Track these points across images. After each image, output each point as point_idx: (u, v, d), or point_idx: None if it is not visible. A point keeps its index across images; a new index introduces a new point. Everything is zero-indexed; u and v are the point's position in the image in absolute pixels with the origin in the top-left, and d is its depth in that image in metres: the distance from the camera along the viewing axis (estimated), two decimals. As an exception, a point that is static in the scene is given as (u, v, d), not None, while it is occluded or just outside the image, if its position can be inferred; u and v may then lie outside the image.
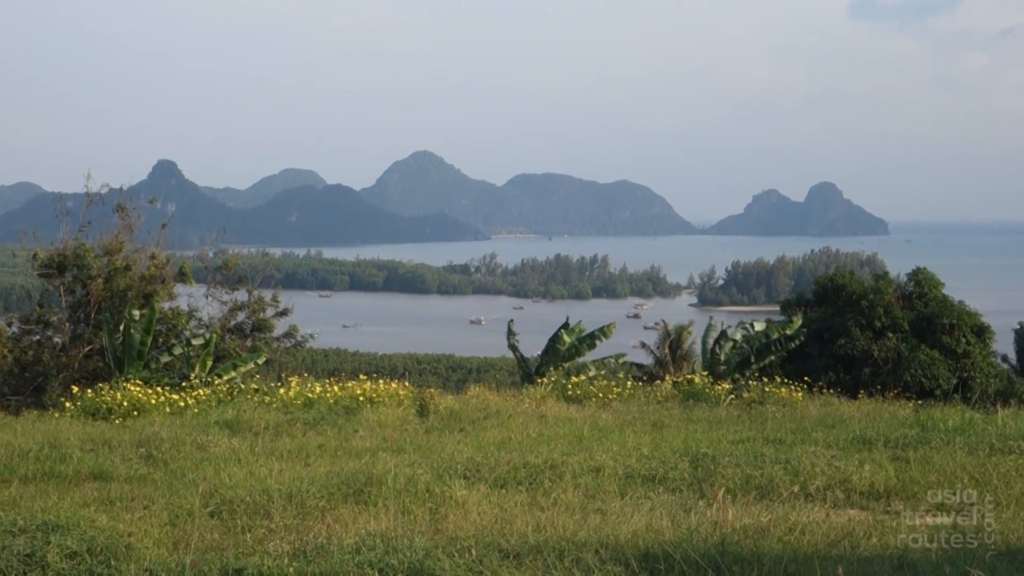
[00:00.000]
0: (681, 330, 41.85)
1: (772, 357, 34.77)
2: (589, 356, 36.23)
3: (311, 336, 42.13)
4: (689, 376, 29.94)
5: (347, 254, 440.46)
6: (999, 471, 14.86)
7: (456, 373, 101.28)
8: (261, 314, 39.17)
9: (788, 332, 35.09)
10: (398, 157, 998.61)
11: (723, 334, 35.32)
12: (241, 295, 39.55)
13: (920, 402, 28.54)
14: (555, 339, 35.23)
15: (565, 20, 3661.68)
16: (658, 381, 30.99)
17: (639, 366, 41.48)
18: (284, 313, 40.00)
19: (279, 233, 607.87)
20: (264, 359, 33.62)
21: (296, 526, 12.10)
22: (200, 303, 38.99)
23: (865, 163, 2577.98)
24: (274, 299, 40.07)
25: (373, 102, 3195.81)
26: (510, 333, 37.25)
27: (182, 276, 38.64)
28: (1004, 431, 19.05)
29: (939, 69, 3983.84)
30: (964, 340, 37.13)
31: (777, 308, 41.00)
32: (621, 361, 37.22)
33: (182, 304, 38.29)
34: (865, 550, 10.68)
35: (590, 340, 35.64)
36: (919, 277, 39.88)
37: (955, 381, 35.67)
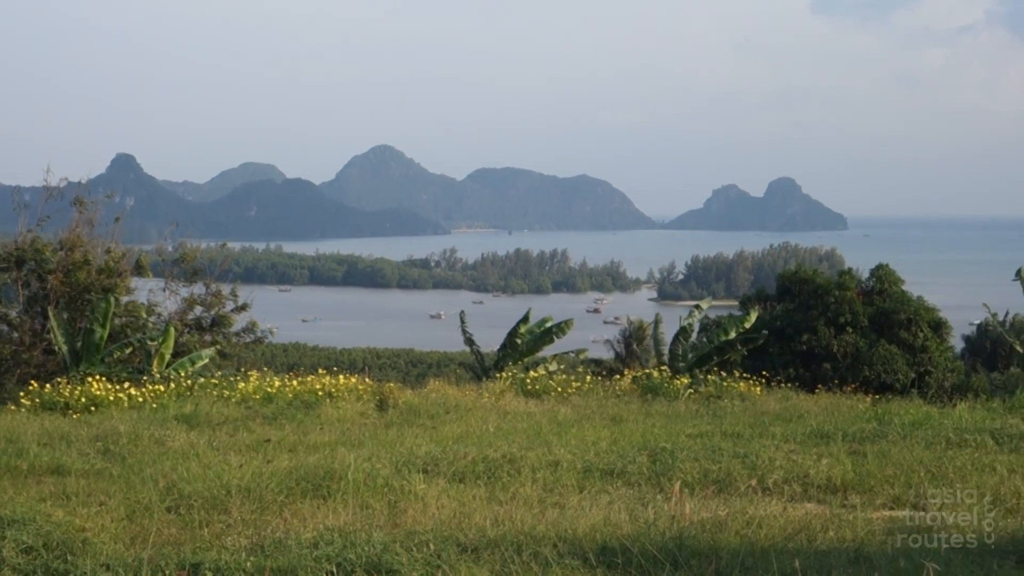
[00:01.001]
0: (641, 325, 42.00)
1: (730, 352, 34.91)
2: (548, 351, 36.29)
3: (270, 331, 41.97)
4: (648, 371, 29.99)
5: (307, 248, 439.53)
6: (955, 464, 14.97)
7: (416, 368, 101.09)
8: (220, 308, 39.01)
9: (746, 326, 35.26)
10: (358, 151, 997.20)
11: (683, 329, 35.41)
12: (199, 289, 39.38)
13: (878, 396, 28.71)
14: (513, 333, 35.27)
15: (526, 14, 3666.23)
16: (617, 376, 31.06)
17: (599, 361, 41.58)
18: (243, 308, 39.83)
19: (238, 227, 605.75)
20: (219, 351, 33.52)
21: (254, 521, 12.06)
22: (159, 297, 38.82)
23: (824, 158, 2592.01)
24: (233, 293, 39.89)
25: (333, 96, 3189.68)
26: (463, 324, 37.36)
27: (139, 270, 38.44)
28: (960, 425, 19.18)
29: (899, 65, 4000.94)
30: (922, 335, 37.35)
31: (736, 303, 41.14)
32: (581, 356, 37.32)
33: (140, 298, 38.10)
34: (822, 543, 10.74)
35: (548, 337, 35.68)
36: (880, 273, 40.09)
37: (912, 376, 35.90)
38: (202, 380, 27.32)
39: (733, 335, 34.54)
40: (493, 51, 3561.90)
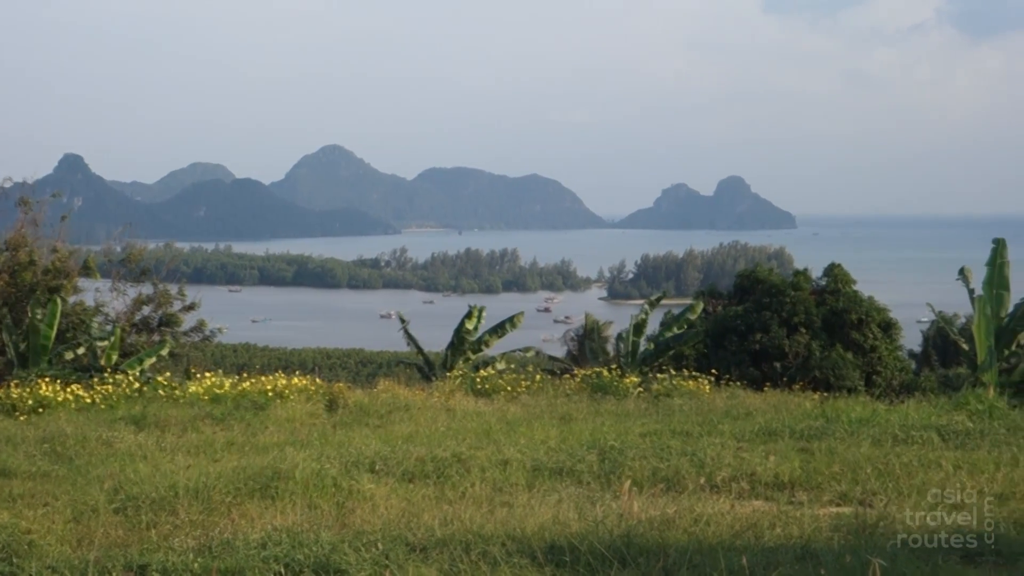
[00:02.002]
0: (591, 324, 42.04)
1: (675, 346, 35.09)
2: (497, 348, 36.34)
3: (219, 330, 41.79)
4: (598, 369, 30.02)
5: (256, 248, 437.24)
6: (901, 461, 15.07)
7: (366, 368, 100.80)
8: (168, 308, 38.79)
9: (690, 317, 35.47)
10: (307, 151, 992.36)
11: (634, 327, 35.51)
12: (147, 289, 39.15)
13: (826, 394, 28.84)
14: (460, 330, 35.31)
15: (477, 12, 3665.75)
16: (567, 375, 31.09)
17: (551, 359, 41.63)
18: (191, 307, 39.63)
19: (188, 227, 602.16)
20: (167, 350, 33.35)
21: (202, 522, 12.05)
22: (106, 297, 38.58)
23: (774, 157, 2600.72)
24: (180, 292, 39.67)
25: (282, 95, 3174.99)
26: (404, 325, 37.42)
27: (87, 270, 38.22)
28: (907, 422, 19.31)
29: (850, 64, 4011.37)
30: (872, 335, 37.62)
31: (685, 301, 41.26)
32: (529, 353, 37.40)
33: (88, 299, 37.87)
34: (769, 540, 10.80)
35: (500, 330, 35.75)
36: (834, 273, 40.30)
37: (862, 381, 36.14)
38: (151, 381, 27.19)
39: (679, 331, 34.76)
40: (443, 50, 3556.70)
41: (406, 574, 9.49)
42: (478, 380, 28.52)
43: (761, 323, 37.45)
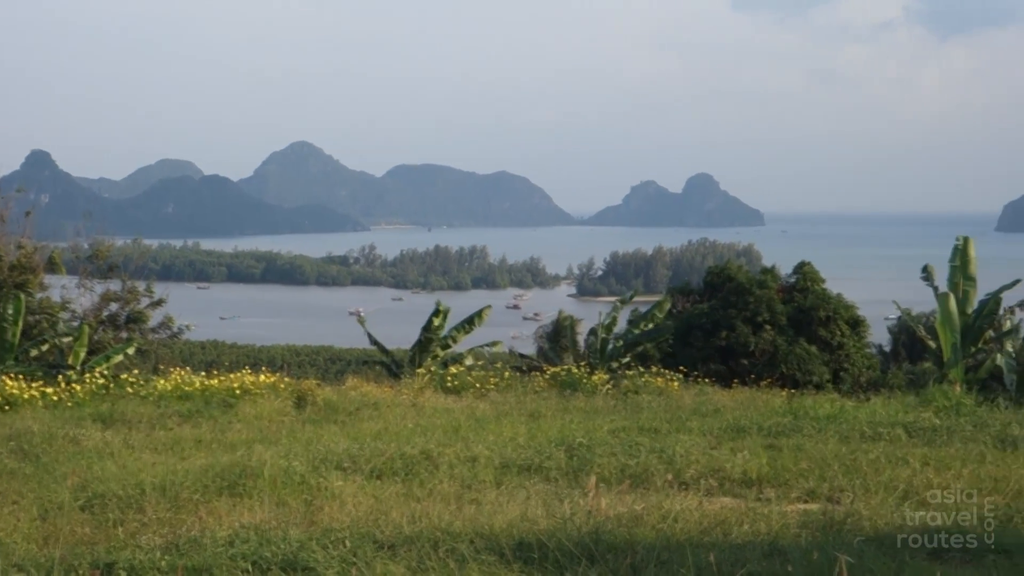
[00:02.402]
0: (562, 321, 42.08)
1: (644, 342, 35.19)
2: (464, 344, 36.36)
3: (187, 327, 41.65)
4: (567, 366, 30.05)
5: (225, 245, 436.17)
6: (868, 458, 15.15)
7: (335, 365, 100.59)
8: (135, 305, 38.60)
9: (659, 315, 35.59)
10: (276, 147, 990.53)
11: (603, 325, 35.58)
12: (114, 285, 38.96)
13: (793, 391, 28.93)
14: (427, 327, 35.32)
15: (446, 10, 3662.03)
16: (536, 372, 31.12)
17: (520, 356, 41.64)
18: (159, 303, 39.41)
19: (156, 224, 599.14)
20: (135, 349, 33.25)
21: (169, 519, 12.01)
22: (73, 294, 38.39)
23: (742, 155, 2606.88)
24: (148, 289, 39.47)
25: (250, 91, 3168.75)
26: (363, 324, 37.50)
27: (53, 266, 38.04)
28: (874, 419, 19.43)
29: (819, 61, 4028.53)
30: (839, 332, 37.74)
31: (654, 298, 41.30)
32: (496, 348, 37.45)
33: (54, 295, 37.69)
34: (737, 537, 10.82)
35: (467, 325, 35.79)
36: (803, 270, 40.38)
37: (829, 376, 36.26)
38: (119, 378, 27.09)
39: (648, 328, 34.86)
40: (413, 47, 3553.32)
41: (374, 571, 9.47)
42: (447, 377, 28.52)
43: (726, 321, 37.53)
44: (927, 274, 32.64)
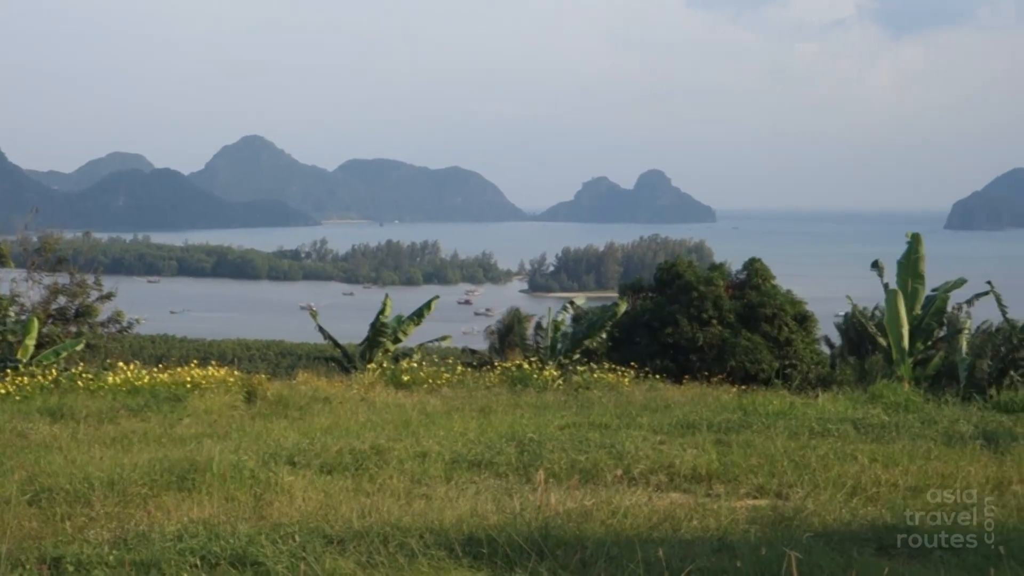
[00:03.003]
0: (513, 316, 42.11)
1: (598, 340, 35.28)
2: (414, 339, 36.35)
3: (137, 321, 41.42)
4: (518, 362, 30.07)
5: (175, 239, 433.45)
6: (817, 454, 15.22)
7: (286, 359, 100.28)
8: (85, 298, 38.34)
9: (611, 311, 35.70)
10: (228, 141, 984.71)
11: (554, 322, 35.64)
12: (63, 278, 38.68)
13: (744, 387, 29.02)
14: (377, 321, 35.30)
15: (400, 2, 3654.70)
16: (488, 367, 31.13)
17: (472, 351, 41.65)
18: (108, 296, 39.14)
19: (106, 217, 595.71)
20: (84, 341, 33.05)
21: (117, 514, 11.94)
22: (21, 287, 38.09)
23: (694, 151, 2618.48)
24: (97, 282, 39.20)
25: (202, 85, 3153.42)
26: (313, 316, 37.44)
27: (0, 259, 37.77)
28: (823, 415, 19.54)
29: (772, 59, 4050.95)
30: (786, 328, 37.81)
31: (606, 294, 41.35)
32: (446, 342, 37.47)
33: (3, 288, 37.41)
34: (686, 532, 10.87)
35: (416, 317, 35.78)
36: (754, 267, 40.44)
37: (777, 366, 36.34)
38: (68, 372, 26.94)
39: (597, 324, 34.94)
40: (365, 41, 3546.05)
41: (323, 566, 9.45)
42: (398, 372, 28.49)
43: (671, 317, 37.57)
44: (877, 270, 32.81)
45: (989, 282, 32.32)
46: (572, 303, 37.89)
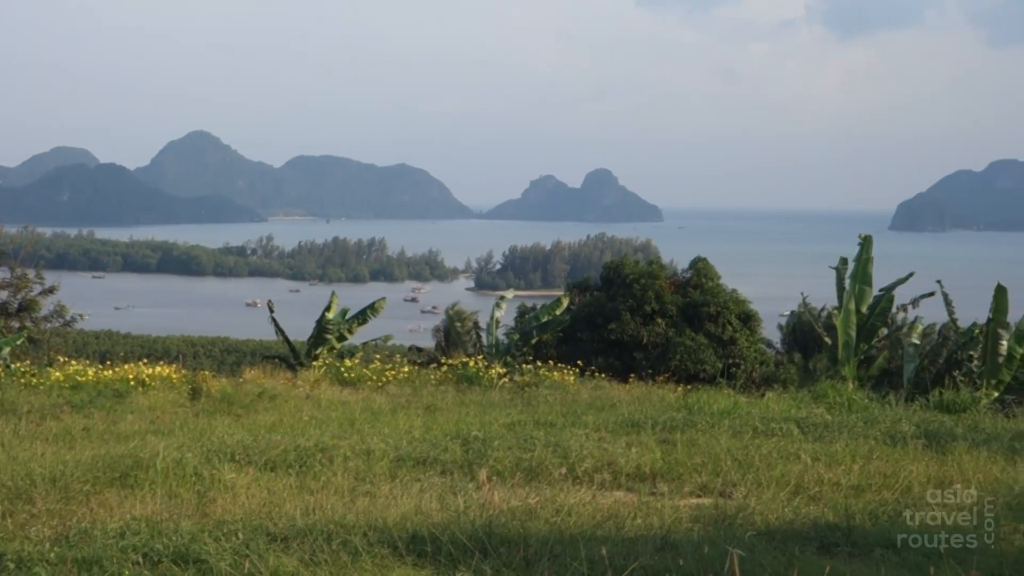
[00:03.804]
0: (459, 314, 42.14)
1: (543, 337, 35.35)
2: (360, 336, 36.32)
3: (81, 316, 41.21)
4: (464, 359, 30.08)
5: (121, 235, 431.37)
6: (761, 453, 15.28)
7: (231, 356, 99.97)
8: (27, 293, 38.09)
9: (556, 313, 35.75)
10: (173, 137, 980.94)
11: (495, 320, 35.69)
12: (3, 273, 38.40)
13: (689, 386, 29.14)
14: (322, 319, 35.24)
15: None
16: (433, 365, 31.14)
17: (418, 349, 41.66)
18: (50, 291, 38.90)
19: (50, 212, 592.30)
20: (26, 336, 32.86)
21: (59, 511, 11.85)
22: (-38, 284, 37.82)
23: (641, 151, 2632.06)
24: (39, 276, 38.95)
25: (147, 79, 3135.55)
26: (271, 310, 37.33)
27: (-62, 253, 37.51)
28: (767, 414, 19.64)
29: (721, 59, 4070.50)
30: (730, 327, 37.99)
31: (553, 292, 41.46)
32: (389, 341, 37.47)
33: (-57, 283, 37.16)
34: (630, 530, 10.88)
35: (362, 317, 35.74)
36: (698, 266, 40.63)
37: (720, 366, 36.50)
38: (9, 367, 26.77)
39: (543, 321, 35.05)
40: (312, 37, 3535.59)
41: (266, 564, 9.42)
42: (344, 370, 28.47)
43: (615, 312, 37.69)
44: (838, 270, 33.10)
45: (939, 281, 32.54)
46: (503, 299, 37.91)
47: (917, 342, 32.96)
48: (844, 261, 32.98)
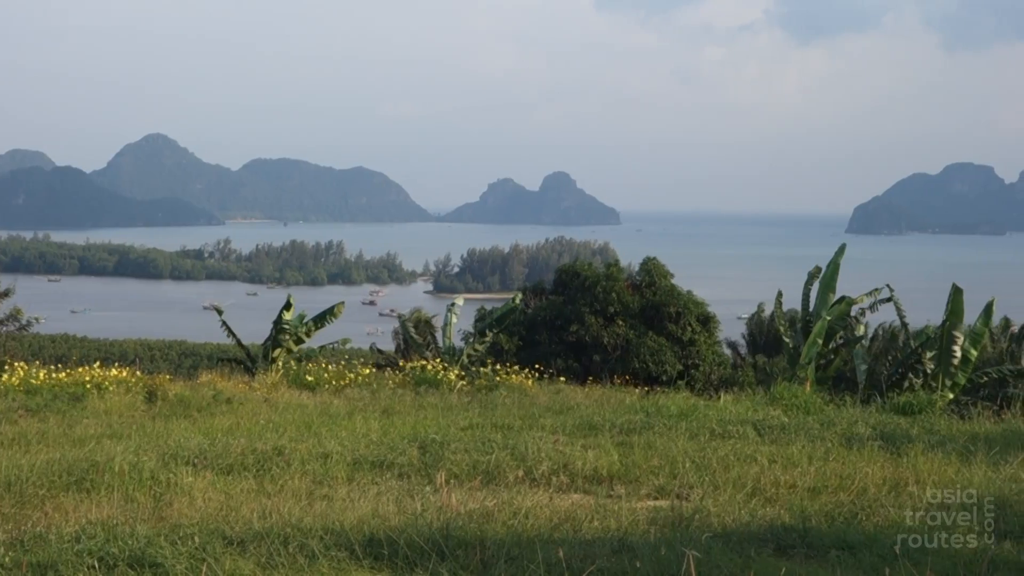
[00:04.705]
0: (419, 316, 42.14)
1: (503, 343, 35.37)
2: (316, 340, 36.25)
3: (36, 320, 40.99)
4: (422, 363, 30.07)
5: (77, 238, 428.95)
6: (718, 455, 15.34)
7: (189, 359, 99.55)
8: (-19, 296, 37.88)
9: (509, 311, 35.89)
10: (130, 139, 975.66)
11: (458, 322, 35.73)
12: (-44, 276, 38.16)
13: (647, 388, 29.21)
14: (279, 321, 35.13)
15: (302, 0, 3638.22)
16: (392, 368, 31.13)
17: (377, 352, 41.62)
18: (5, 294, 38.72)
19: (5, 216, 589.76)
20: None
21: (14, 515, 11.82)
22: (-84, 287, 37.57)
23: (599, 154, 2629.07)
24: (-9, 280, 38.71)
25: (104, 82, 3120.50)
26: (219, 313, 37.21)
27: None
28: (724, 416, 19.72)
29: (680, 62, 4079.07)
30: (690, 328, 38.12)
31: (511, 295, 41.51)
32: (347, 345, 37.40)
33: None
34: (587, 533, 10.91)
35: (321, 321, 35.68)
36: (649, 266, 40.72)
37: (680, 368, 36.61)
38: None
39: (498, 325, 35.13)
40: (268, 39, 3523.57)
41: (223, 567, 9.39)
42: (301, 373, 28.42)
43: (576, 314, 37.77)
44: (813, 273, 33.47)
45: (888, 286, 32.74)
46: (454, 304, 37.94)
47: (866, 344, 33.22)
48: (819, 269, 33.30)
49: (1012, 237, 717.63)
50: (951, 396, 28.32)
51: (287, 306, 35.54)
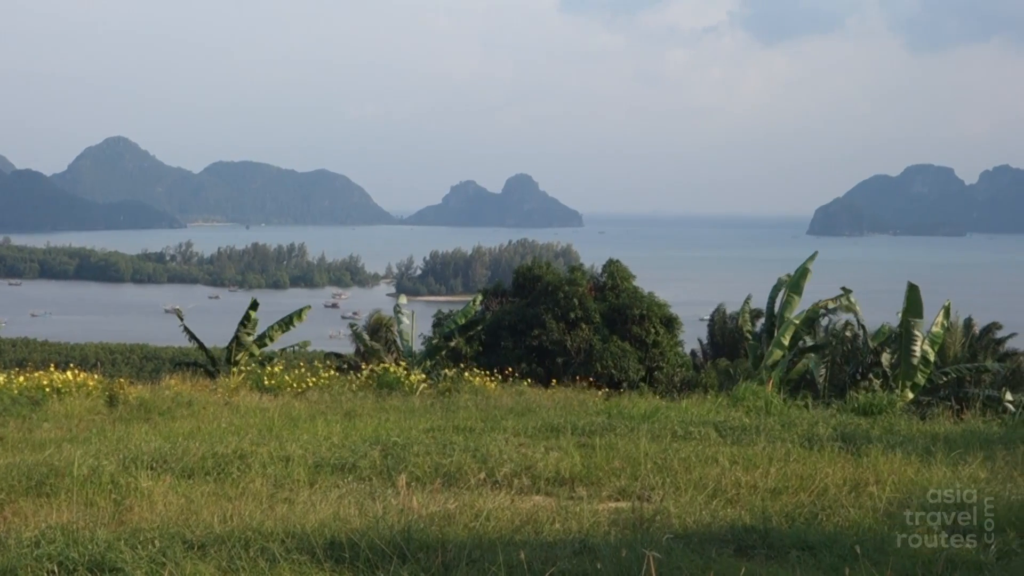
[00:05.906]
0: (380, 319, 42.11)
1: (463, 348, 35.39)
2: (278, 343, 36.23)
3: (-3, 324, 40.88)
4: (385, 365, 30.05)
5: (37, 241, 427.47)
6: (680, 456, 15.37)
7: (151, 363, 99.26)
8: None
9: (469, 313, 35.91)
10: (91, 142, 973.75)
11: (419, 325, 35.74)
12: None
13: (610, 391, 29.26)
14: (243, 324, 35.07)
15: (266, 1, 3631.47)
16: (354, 371, 31.10)
17: (339, 355, 41.57)
18: (-37, 298, 38.58)
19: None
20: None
21: (-27, 520, 11.75)
22: None
23: (562, 156, 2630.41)
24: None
25: (64, 85, 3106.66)
26: (180, 318, 37.11)
27: None
28: (686, 418, 19.80)
29: (643, 64, 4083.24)
30: (653, 331, 38.21)
31: (472, 297, 41.51)
32: (307, 348, 37.40)
33: None
34: (548, 535, 10.91)
35: (285, 325, 35.66)
36: (611, 269, 40.82)
37: (643, 372, 36.70)
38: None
39: (459, 327, 35.16)
40: (230, 41, 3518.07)
41: (183, 571, 9.36)
42: (263, 376, 28.36)
43: (537, 319, 37.80)
44: (780, 282, 33.72)
45: (844, 288, 32.92)
46: (399, 306, 37.97)
47: (832, 345, 33.41)
48: (793, 278, 33.57)
49: (972, 238, 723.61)
50: (911, 396, 28.52)
51: (253, 305, 35.51)
